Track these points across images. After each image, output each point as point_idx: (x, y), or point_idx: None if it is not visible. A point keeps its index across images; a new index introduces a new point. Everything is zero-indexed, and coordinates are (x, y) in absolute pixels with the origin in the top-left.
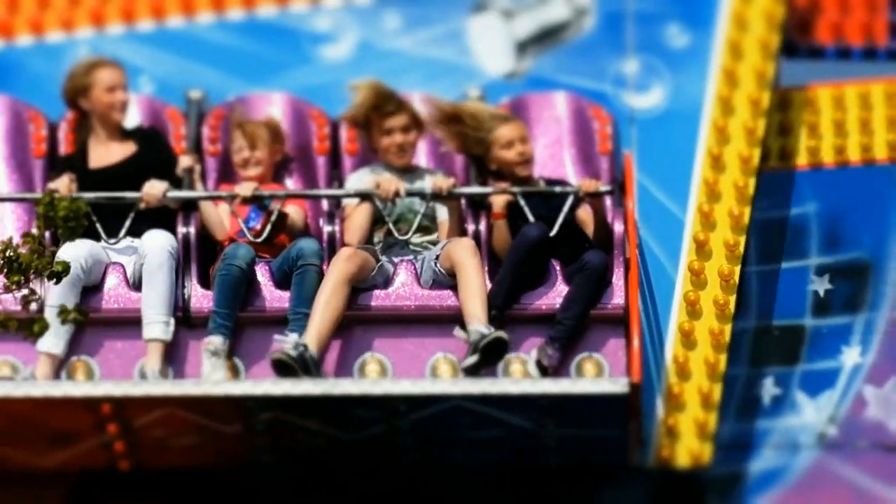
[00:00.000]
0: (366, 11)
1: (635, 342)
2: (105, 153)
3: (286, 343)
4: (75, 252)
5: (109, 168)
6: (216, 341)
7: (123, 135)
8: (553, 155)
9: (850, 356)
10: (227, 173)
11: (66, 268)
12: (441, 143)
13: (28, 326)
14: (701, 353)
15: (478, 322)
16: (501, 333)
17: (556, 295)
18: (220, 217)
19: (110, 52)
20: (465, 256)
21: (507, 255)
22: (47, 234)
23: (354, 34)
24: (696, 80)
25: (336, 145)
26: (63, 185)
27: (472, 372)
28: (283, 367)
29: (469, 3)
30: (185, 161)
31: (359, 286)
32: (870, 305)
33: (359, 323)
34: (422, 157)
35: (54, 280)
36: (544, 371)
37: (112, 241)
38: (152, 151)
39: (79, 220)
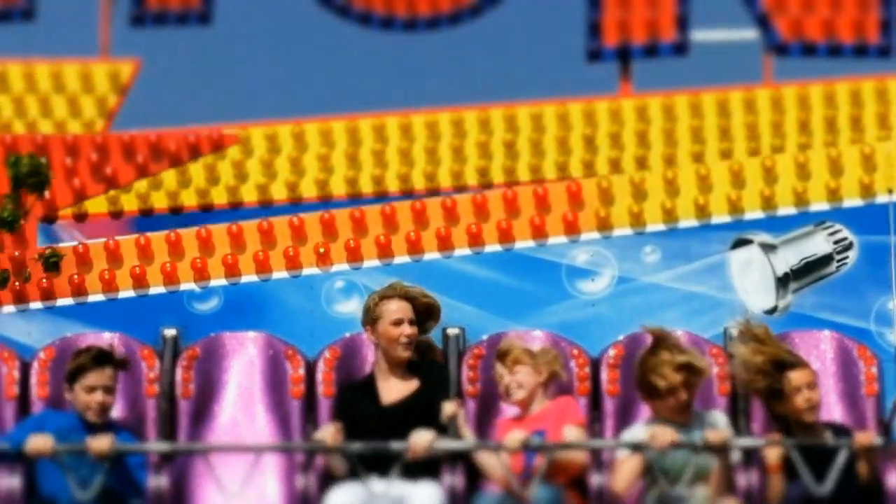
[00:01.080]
0: (624, 244)
1: None
2: (387, 389)
3: None
4: (344, 499)
5: (390, 407)
6: None
7: (409, 369)
8: None
9: None
10: (490, 413)
11: (16, 216)
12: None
13: None
14: None
15: None
16: None
17: None
18: (495, 461)
19: (364, 286)
20: None
21: None
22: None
23: (613, 268)
24: None
25: (596, 385)
26: (329, 435)
27: None
28: None
29: (729, 237)
30: (448, 409)
31: None
32: None
33: None
34: None
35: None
36: None
37: (377, 493)
38: (433, 391)
39: (41, 175)
